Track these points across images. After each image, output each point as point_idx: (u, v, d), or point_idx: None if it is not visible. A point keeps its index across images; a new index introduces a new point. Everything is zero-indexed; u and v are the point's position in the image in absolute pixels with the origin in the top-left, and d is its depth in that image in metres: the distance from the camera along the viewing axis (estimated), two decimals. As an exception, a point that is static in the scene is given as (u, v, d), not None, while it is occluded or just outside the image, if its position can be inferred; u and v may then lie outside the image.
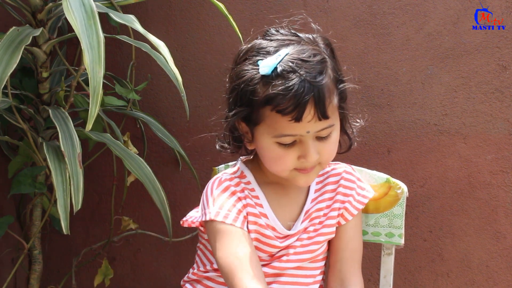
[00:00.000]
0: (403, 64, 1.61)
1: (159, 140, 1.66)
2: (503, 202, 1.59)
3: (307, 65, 1.03)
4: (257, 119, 1.05)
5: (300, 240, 1.15)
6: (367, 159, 1.64)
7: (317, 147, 1.06)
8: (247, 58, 1.08)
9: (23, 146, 1.49)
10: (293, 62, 1.02)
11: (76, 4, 1.15)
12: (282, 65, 1.02)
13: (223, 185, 1.13)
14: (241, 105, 1.06)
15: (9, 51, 1.20)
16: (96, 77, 1.11)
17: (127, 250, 1.82)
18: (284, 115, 1.01)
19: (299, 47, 1.06)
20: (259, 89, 1.04)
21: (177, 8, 1.73)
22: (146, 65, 1.73)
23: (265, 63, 1.04)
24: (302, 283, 1.17)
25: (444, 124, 1.60)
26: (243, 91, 1.05)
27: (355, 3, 1.63)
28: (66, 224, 1.27)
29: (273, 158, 1.07)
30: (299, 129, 1.03)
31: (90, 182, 1.75)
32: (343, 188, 1.19)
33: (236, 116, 1.07)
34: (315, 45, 1.09)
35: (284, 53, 1.04)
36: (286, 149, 1.06)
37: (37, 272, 1.56)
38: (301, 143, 1.05)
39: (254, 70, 1.05)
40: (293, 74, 1.01)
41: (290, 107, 1.00)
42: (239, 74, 1.07)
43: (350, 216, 1.18)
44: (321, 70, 1.04)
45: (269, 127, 1.05)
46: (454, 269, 1.63)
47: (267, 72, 1.02)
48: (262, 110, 1.04)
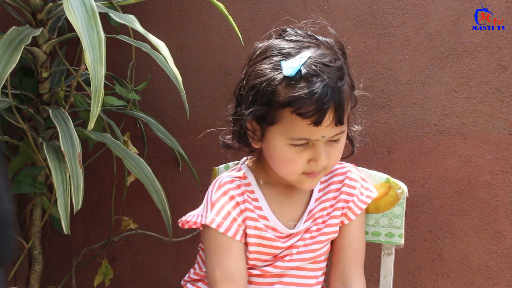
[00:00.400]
0: (403, 64, 1.61)
1: (159, 140, 1.66)
2: (503, 202, 1.59)
3: (329, 70, 1.03)
4: (274, 119, 1.05)
5: (302, 240, 1.16)
6: (367, 159, 1.64)
7: (327, 152, 1.07)
8: (267, 57, 1.07)
9: (23, 146, 1.49)
10: (317, 66, 1.02)
11: (77, 3, 1.15)
12: (305, 67, 1.02)
13: (222, 188, 1.14)
14: (259, 104, 1.05)
15: (9, 51, 1.20)
16: (97, 76, 1.11)
17: (127, 250, 1.82)
18: (305, 118, 1.01)
19: (320, 51, 1.05)
20: (280, 90, 1.03)
21: (177, 8, 1.73)
22: (146, 65, 1.73)
23: (289, 64, 1.03)
24: (304, 284, 1.17)
25: (444, 124, 1.60)
26: (263, 90, 1.04)
27: (355, 3, 1.63)
28: (66, 224, 1.27)
29: (284, 160, 1.07)
30: (316, 134, 1.03)
31: (90, 182, 1.75)
32: (347, 188, 1.18)
33: (252, 115, 1.06)
34: (333, 50, 1.09)
35: (307, 56, 1.03)
36: (298, 152, 1.06)
37: (37, 272, 1.56)
38: (313, 146, 1.06)
39: (276, 71, 1.04)
40: (316, 78, 1.01)
41: (312, 111, 1.00)
42: (258, 73, 1.06)
43: (353, 215, 1.18)
44: (341, 76, 1.04)
45: (286, 129, 1.04)
46: (454, 269, 1.63)
47: (291, 73, 1.02)
48: (282, 111, 1.03)
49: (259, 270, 1.15)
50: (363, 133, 1.64)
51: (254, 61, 1.10)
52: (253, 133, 1.10)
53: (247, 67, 1.10)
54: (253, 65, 1.09)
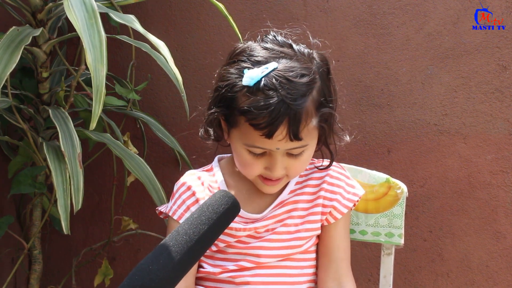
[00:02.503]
0: (403, 64, 1.61)
1: (159, 140, 1.66)
2: (503, 202, 1.59)
3: (291, 86, 1.02)
4: (233, 123, 1.08)
5: (271, 225, 1.15)
6: (367, 159, 1.64)
7: (285, 163, 1.09)
8: (236, 61, 1.09)
9: (23, 146, 1.49)
10: (277, 80, 1.01)
11: (77, 3, 1.15)
12: (266, 79, 1.01)
13: (181, 180, 1.22)
14: (220, 106, 1.09)
15: (9, 51, 1.20)
16: (98, 76, 1.11)
17: (127, 250, 1.82)
18: (256, 129, 1.02)
19: (290, 63, 1.04)
20: (238, 98, 1.05)
21: (177, 8, 1.73)
22: (146, 65, 1.73)
23: (250, 74, 1.03)
24: (290, 283, 1.16)
25: (444, 124, 1.60)
26: (223, 94, 1.07)
27: (355, 3, 1.63)
28: (66, 224, 1.27)
29: (242, 162, 1.11)
30: (269, 145, 1.05)
31: (90, 182, 1.75)
32: (328, 185, 1.17)
33: (215, 114, 1.10)
34: (309, 63, 1.07)
35: (272, 67, 1.03)
36: (255, 158, 1.09)
37: (37, 272, 1.56)
38: (270, 155, 1.08)
39: (238, 78, 1.05)
40: (274, 92, 1.01)
41: (263, 124, 1.01)
42: (224, 76, 1.09)
43: (339, 214, 1.16)
44: (305, 92, 1.03)
45: (242, 135, 1.07)
46: (454, 269, 1.63)
47: (249, 83, 1.03)
48: (238, 117, 1.05)
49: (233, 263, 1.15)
50: (362, 132, 1.65)
51: (226, 62, 1.12)
52: (223, 130, 1.14)
53: (220, 67, 1.13)
54: (223, 66, 1.11)
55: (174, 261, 0.83)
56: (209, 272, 1.16)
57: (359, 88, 1.64)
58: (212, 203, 0.90)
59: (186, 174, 1.23)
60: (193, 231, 0.86)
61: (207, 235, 0.87)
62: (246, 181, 1.18)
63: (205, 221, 0.87)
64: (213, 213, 0.88)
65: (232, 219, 0.93)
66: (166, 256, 0.83)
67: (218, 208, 0.89)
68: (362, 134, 1.65)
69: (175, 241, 0.85)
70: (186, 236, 0.85)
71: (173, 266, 0.83)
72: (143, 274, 0.81)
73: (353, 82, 1.64)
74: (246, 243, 1.15)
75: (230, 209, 0.90)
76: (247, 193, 1.18)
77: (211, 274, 1.16)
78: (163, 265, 0.82)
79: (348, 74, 1.64)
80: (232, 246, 1.15)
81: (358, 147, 1.65)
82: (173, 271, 0.83)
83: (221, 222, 0.89)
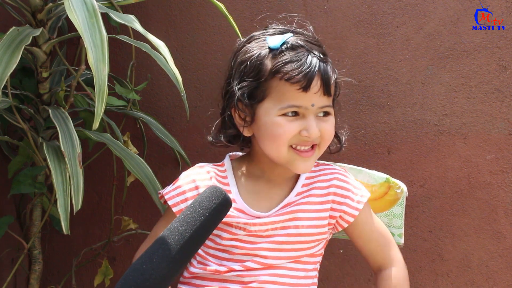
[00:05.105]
0: (403, 64, 1.61)
1: (159, 140, 1.66)
2: (503, 202, 1.59)
3: (312, 44, 1.10)
4: (263, 93, 1.09)
5: (275, 224, 1.15)
6: (367, 159, 1.64)
7: (318, 125, 1.10)
8: (252, 40, 1.14)
9: (23, 146, 1.49)
10: (301, 40, 1.10)
11: (78, 3, 1.15)
12: (290, 40, 1.09)
13: (189, 171, 1.22)
14: (248, 78, 1.10)
15: (9, 51, 1.20)
16: (100, 75, 1.11)
17: (127, 250, 1.82)
18: (294, 83, 1.06)
19: (300, 34, 1.13)
20: (267, 61, 1.09)
21: (177, 8, 1.73)
22: (146, 65, 1.73)
23: (273, 38, 1.10)
24: (296, 284, 1.16)
25: (444, 124, 1.60)
26: (251, 64, 1.10)
27: (355, 3, 1.63)
28: (66, 224, 1.27)
29: (274, 133, 1.09)
30: (306, 100, 1.07)
31: (90, 182, 1.75)
32: (338, 189, 1.17)
33: (242, 90, 1.10)
34: (313, 37, 1.16)
35: (290, 35, 1.11)
36: (289, 122, 1.09)
37: (37, 272, 1.56)
38: (304, 117, 1.09)
39: (263, 48, 1.10)
40: (302, 48, 1.09)
41: (300, 74, 1.05)
42: (247, 50, 1.13)
43: (351, 218, 1.17)
44: (324, 52, 1.12)
45: (275, 99, 1.08)
46: (454, 269, 1.63)
47: (276, 45, 1.08)
48: (270, 81, 1.08)
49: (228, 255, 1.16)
50: (363, 133, 1.65)
51: (242, 44, 1.16)
52: (243, 119, 1.13)
53: (235, 50, 1.17)
54: (241, 47, 1.16)
55: (167, 259, 0.83)
56: (216, 270, 1.15)
57: (359, 88, 1.64)
58: (203, 199, 0.90)
59: (195, 166, 1.23)
60: (185, 228, 0.86)
61: (200, 231, 0.87)
62: (257, 181, 1.18)
63: (197, 218, 0.87)
64: (204, 209, 0.89)
65: (225, 214, 0.93)
66: (159, 254, 0.83)
67: (210, 204, 0.90)
68: (362, 134, 1.65)
69: (168, 239, 0.85)
70: (178, 234, 0.85)
71: (167, 264, 0.83)
72: (137, 274, 0.81)
73: (353, 82, 1.64)
74: (252, 243, 1.15)
75: (221, 204, 0.90)
76: (257, 193, 1.18)
77: (217, 273, 1.15)
78: (157, 264, 0.82)
79: (348, 74, 1.63)
80: (237, 247, 1.15)
81: (358, 147, 1.65)
82: (167, 269, 0.83)
83: (213, 217, 0.90)
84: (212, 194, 0.91)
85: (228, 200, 0.92)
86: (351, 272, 1.69)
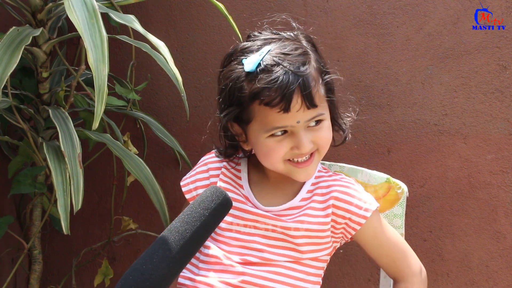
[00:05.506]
0: (403, 64, 1.61)
1: (159, 140, 1.66)
2: (503, 202, 1.59)
3: (290, 58, 1.06)
4: (248, 117, 1.08)
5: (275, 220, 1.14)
6: (367, 159, 1.64)
7: (310, 137, 1.08)
8: (233, 59, 1.12)
9: (23, 146, 1.49)
10: (276, 57, 1.06)
11: (78, 3, 1.15)
12: (265, 60, 1.06)
13: (205, 158, 1.23)
14: (230, 105, 1.09)
15: (9, 51, 1.20)
16: (100, 75, 1.11)
17: (127, 250, 1.82)
18: (272, 107, 1.03)
19: (280, 43, 1.09)
20: (245, 86, 1.07)
21: (177, 8, 1.73)
22: (146, 65, 1.73)
23: (249, 60, 1.07)
24: (295, 286, 1.15)
25: (444, 124, 1.60)
26: (230, 90, 1.08)
27: (355, 3, 1.63)
28: (66, 224, 1.27)
29: (267, 153, 1.10)
30: (289, 120, 1.05)
31: (90, 182, 1.75)
32: (338, 202, 1.14)
33: (227, 117, 1.10)
34: (297, 41, 1.12)
35: (267, 50, 1.07)
36: (278, 142, 1.08)
37: (37, 272, 1.56)
38: (293, 134, 1.08)
39: (240, 69, 1.08)
40: (276, 67, 1.05)
41: (277, 98, 1.03)
42: (226, 74, 1.11)
43: (358, 225, 1.14)
44: (304, 61, 1.07)
45: (260, 123, 1.07)
46: (454, 269, 1.63)
47: (251, 68, 1.06)
48: (251, 106, 1.06)
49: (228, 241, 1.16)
50: (362, 132, 1.65)
51: (223, 65, 1.15)
52: (239, 136, 1.14)
53: (219, 73, 1.15)
54: (221, 71, 1.14)
55: (168, 259, 0.83)
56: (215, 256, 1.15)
57: (359, 88, 1.64)
58: (204, 199, 0.90)
59: (212, 153, 1.24)
60: (185, 228, 0.86)
61: (200, 231, 0.87)
62: (268, 180, 1.19)
63: (197, 218, 0.87)
64: (204, 210, 0.89)
65: (225, 215, 0.93)
66: (159, 254, 0.83)
67: (210, 204, 0.90)
68: (362, 134, 1.65)
69: (168, 239, 0.85)
70: (178, 234, 0.85)
71: (167, 264, 0.83)
72: (137, 274, 0.81)
73: (353, 82, 1.64)
74: (248, 234, 1.15)
75: (221, 204, 0.90)
76: (265, 188, 1.19)
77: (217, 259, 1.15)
78: (157, 264, 0.82)
79: (348, 74, 1.64)
80: (236, 239, 1.15)
81: (358, 147, 1.65)
82: (167, 269, 0.82)
83: (213, 218, 0.90)
84: (212, 194, 0.91)
85: (228, 200, 0.92)
86: (351, 272, 1.69)
